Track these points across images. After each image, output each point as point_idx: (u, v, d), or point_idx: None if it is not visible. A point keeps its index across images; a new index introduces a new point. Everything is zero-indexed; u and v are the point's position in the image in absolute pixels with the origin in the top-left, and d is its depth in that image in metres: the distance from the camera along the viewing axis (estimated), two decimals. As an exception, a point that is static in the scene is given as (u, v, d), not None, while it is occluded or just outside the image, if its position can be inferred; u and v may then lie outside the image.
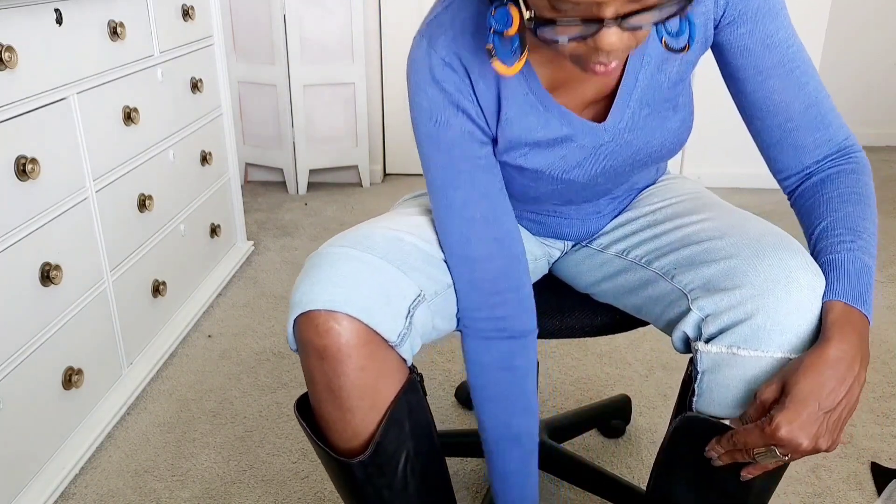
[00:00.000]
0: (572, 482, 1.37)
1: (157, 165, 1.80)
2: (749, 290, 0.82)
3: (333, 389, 0.85)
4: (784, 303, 0.80)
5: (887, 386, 1.69)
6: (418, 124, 0.90)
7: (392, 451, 0.88)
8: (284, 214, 2.80)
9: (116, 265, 1.63)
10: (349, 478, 0.89)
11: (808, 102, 0.91)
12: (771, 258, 0.82)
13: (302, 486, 1.41)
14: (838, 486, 1.39)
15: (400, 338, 0.86)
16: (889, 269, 2.29)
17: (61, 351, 1.43)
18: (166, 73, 1.85)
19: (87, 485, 1.41)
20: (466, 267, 0.93)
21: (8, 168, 1.27)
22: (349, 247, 0.87)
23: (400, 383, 0.88)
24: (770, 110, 0.91)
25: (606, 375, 1.74)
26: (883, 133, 3.59)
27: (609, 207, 1.08)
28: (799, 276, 0.81)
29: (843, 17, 3.40)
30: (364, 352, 0.83)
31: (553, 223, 1.09)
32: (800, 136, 0.92)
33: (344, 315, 0.82)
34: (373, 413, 0.86)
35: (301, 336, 0.84)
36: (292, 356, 1.82)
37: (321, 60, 2.89)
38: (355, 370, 0.84)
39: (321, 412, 0.88)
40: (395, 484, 0.90)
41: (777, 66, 0.89)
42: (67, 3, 1.43)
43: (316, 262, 0.87)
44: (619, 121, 0.92)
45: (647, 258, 0.97)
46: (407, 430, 0.89)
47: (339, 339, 0.82)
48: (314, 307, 0.82)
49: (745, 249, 0.85)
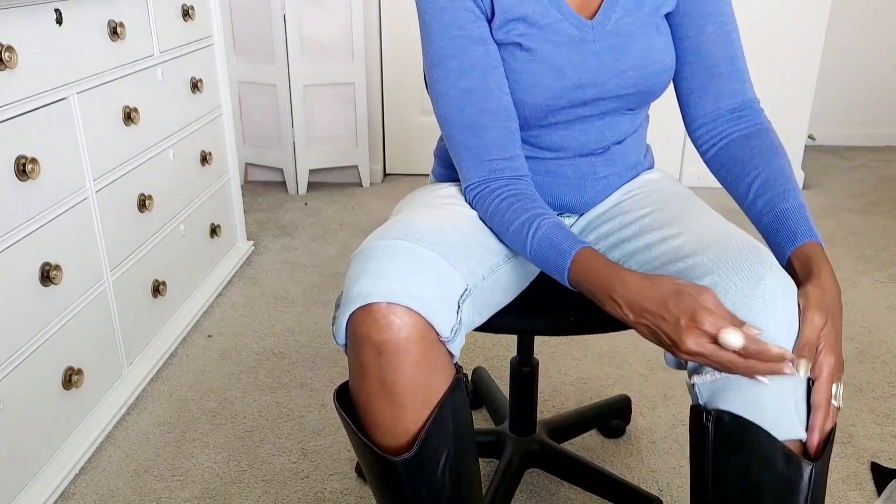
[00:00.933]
0: (572, 482, 1.37)
1: (157, 165, 1.80)
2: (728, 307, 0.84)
3: (387, 385, 0.84)
4: (762, 316, 0.83)
5: (887, 386, 1.69)
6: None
7: (434, 451, 0.87)
8: (284, 214, 2.80)
9: (116, 265, 1.63)
10: (391, 476, 0.87)
11: (733, 55, 1.05)
12: (748, 273, 0.85)
13: (302, 486, 1.41)
14: (838, 486, 1.39)
15: (453, 333, 0.86)
16: (889, 269, 2.29)
17: (61, 351, 1.43)
18: (166, 73, 1.85)
19: (87, 485, 1.41)
20: (463, 134, 0.99)
21: (8, 168, 1.27)
22: (400, 239, 0.87)
23: (449, 380, 0.88)
24: (701, 54, 1.05)
25: (606, 375, 1.74)
26: (883, 133, 3.59)
27: (603, 171, 1.10)
28: (775, 290, 0.84)
29: (843, 17, 3.41)
30: (421, 347, 0.83)
31: (550, 184, 1.10)
32: (722, 82, 1.05)
33: (404, 309, 0.82)
34: (423, 410, 0.85)
35: (357, 330, 0.83)
36: (292, 356, 1.82)
37: (321, 60, 2.89)
38: (412, 366, 0.83)
39: (370, 408, 0.86)
40: (433, 483, 0.88)
41: (715, 15, 1.04)
42: (67, 3, 1.43)
43: (369, 255, 0.86)
44: (606, 23, 1.00)
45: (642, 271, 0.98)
46: (450, 429, 0.88)
47: (399, 333, 0.82)
48: (374, 300, 0.82)
49: (724, 266, 0.86)
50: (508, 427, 1.39)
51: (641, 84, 1.03)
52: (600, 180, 1.10)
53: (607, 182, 1.11)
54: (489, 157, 0.99)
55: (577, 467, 1.34)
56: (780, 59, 2.85)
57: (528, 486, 1.40)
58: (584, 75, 1.00)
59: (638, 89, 1.04)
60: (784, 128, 2.94)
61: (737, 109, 1.05)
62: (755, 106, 1.06)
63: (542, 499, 1.37)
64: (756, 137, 1.02)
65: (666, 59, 1.04)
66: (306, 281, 2.24)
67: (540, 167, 1.09)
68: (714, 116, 1.06)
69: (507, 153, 1.00)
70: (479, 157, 0.99)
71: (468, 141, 0.99)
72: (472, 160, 1.00)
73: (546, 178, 1.10)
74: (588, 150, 1.08)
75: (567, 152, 1.08)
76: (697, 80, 1.06)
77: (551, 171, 1.09)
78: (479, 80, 0.98)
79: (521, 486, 1.39)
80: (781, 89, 2.89)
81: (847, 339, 1.89)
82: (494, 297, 0.99)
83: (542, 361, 1.80)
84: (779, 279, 0.84)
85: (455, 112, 0.99)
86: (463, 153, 1.00)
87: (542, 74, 0.99)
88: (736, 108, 1.05)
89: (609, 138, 1.08)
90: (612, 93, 1.03)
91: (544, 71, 0.99)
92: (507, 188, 0.99)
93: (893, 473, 1.40)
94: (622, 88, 1.03)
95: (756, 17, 2.80)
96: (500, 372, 1.76)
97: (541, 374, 1.75)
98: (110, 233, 1.60)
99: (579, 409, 1.53)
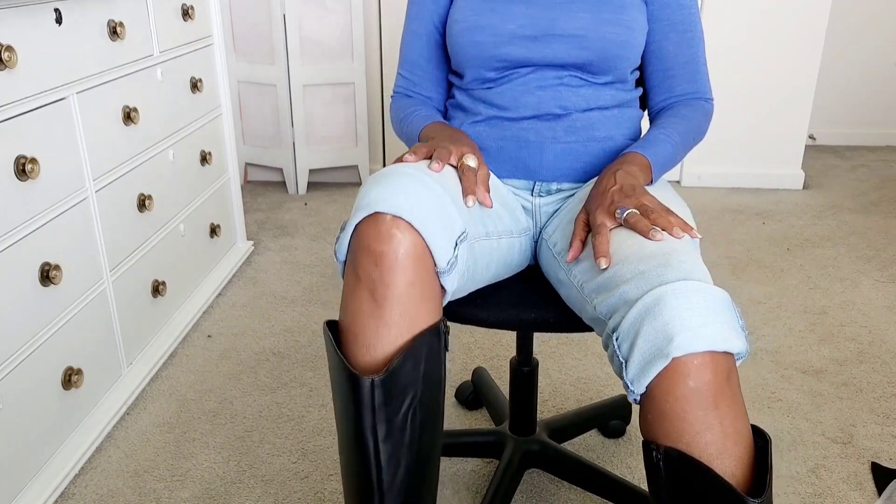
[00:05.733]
0: (572, 482, 1.37)
1: (156, 165, 1.80)
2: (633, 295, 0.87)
3: (377, 299, 0.86)
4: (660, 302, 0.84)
5: (887, 386, 1.69)
6: None
7: (403, 385, 0.87)
8: (284, 214, 2.80)
9: (116, 265, 1.63)
10: (356, 401, 0.87)
11: (691, 59, 1.17)
12: (653, 281, 0.84)
13: (302, 486, 1.41)
14: (839, 487, 1.39)
15: (449, 265, 0.89)
16: (889, 269, 2.29)
17: (61, 351, 1.43)
18: (166, 73, 1.85)
19: (87, 485, 1.41)
20: (406, 66, 1.25)
21: (8, 168, 1.27)
22: (415, 169, 0.92)
23: (435, 316, 0.89)
24: (660, 57, 1.18)
25: (606, 375, 1.74)
26: (883, 133, 3.59)
27: (564, 137, 1.14)
28: (668, 290, 0.83)
29: (843, 17, 3.40)
30: (417, 268, 0.86)
31: (513, 148, 1.15)
32: (676, 84, 1.18)
33: (407, 224, 0.85)
34: (405, 335, 0.87)
35: (359, 240, 0.86)
36: (292, 356, 1.82)
37: (321, 60, 2.89)
38: (405, 285, 0.85)
39: (355, 323, 0.87)
40: (395, 421, 0.88)
41: (679, 24, 1.16)
42: (67, 3, 1.43)
43: (383, 175, 0.91)
44: None
45: (582, 281, 0.98)
46: (421, 370, 0.89)
47: (398, 247, 0.85)
48: (382, 209, 0.85)
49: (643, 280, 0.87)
50: (508, 427, 1.39)
51: (594, 30, 1.10)
52: (560, 144, 1.14)
53: (567, 147, 1.14)
54: (414, 90, 1.25)
55: (577, 467, 1.34)
56: (780, 59, 2.85)
57: (528, 487, 1.40)
58: (534, 7, 1.11)
59: (589, 34, 1.10)
60: (784, 128, 2.94)
61: (682, 101, 1.19)
62: (700, 96, 1.19)
63: (542, 499, 1.37)
64: (680, 105, 1.17)
65: (630, 26, 1.11)
66: (306, 281, 2.24)
67: (505, 131, 1.15)
68: (663, 106, 1.20)
69: (428, 93, 1.25)
70: (406, 88, 1.26)
71: (403, 70, 1.26)
72: (401, 82, 1.26)
73: (510, 143, 1.15)
74: (546, 109, 1.13)
75: (526, 110, 1.13)
76: (654, 79, 1.20)
77: (515, 136, 1.15)
78: (424, 28, 1.21)
79: (520, 487, 1.39)
80: (781, 89, 2.89)
81: (847, 339, 1.89)
82: (480, 264, 1.03)
83: (542, 361, 1.80)
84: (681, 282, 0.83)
85: (403, 48, 1.25)
86: (398, 75, 1.27)
87: (495, 1, 1.13)
88: (685, 100, 1.19)
89: (569, 102, 1.13)
90: (562, 30, 1.10)
91: (510, 12, 1.12)
92: (416, 99, 1.24)
93: (894, 474, 1.40)
94: (572, 28, 1.10)
95: (756, 17, 2.80)
96: (500, 372, 1.76)
97: (541, 374, 1.75)
98: (110, 233, 1.60)
99: (579, 409, 1.53)
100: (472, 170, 1.00)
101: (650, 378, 0.81)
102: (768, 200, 2.87)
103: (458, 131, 1.12)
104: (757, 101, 2.92)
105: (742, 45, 2.84)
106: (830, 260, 2.35)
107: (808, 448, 1.49)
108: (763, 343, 1.87)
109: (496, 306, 1.08)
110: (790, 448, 1.49)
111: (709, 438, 0.80)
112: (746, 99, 2.91)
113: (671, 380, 0.80)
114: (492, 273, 1.08)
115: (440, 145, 1.02)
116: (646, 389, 0.83)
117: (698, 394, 0.80)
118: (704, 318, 0.80)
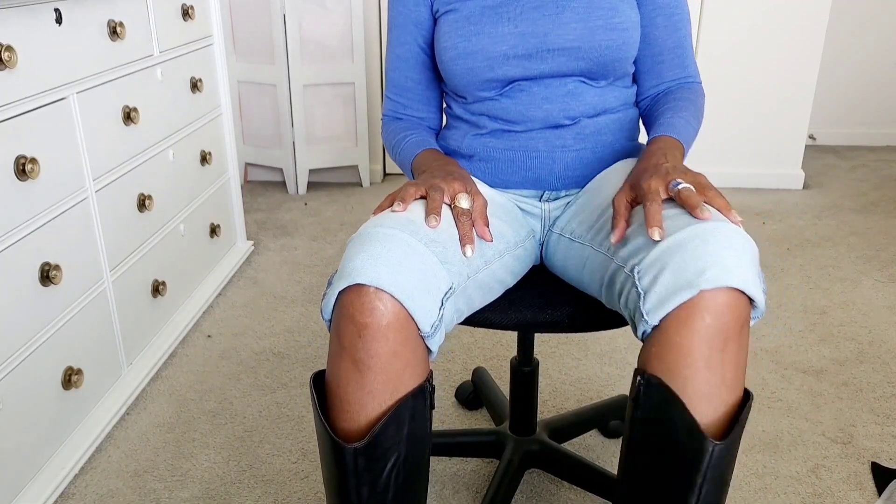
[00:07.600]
0: (572, 482, 1.37)
1: (156, 165, 1.80)
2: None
3: (361, 368, 0.85)
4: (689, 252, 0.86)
5: (887, 386, 1.69)
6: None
7: (386, 449, 0.88)
8: (284, 214, 2.80)
9: (116, 265, 1.63)
10: (340, 465, 0.88)
11: (678, 44, 1.16)
12: (691, 221, 0.88)
13: (302, 486, 1.41)
14: (839, 487, 1.39)
15: (433, 329, 0.88)
16: (889, 269, 2.29)
17: (61, 351, 1.43)
18: (166, 73, 1.85)
19: (87, 485, 1.41)
20: (393, 89, 1.22)
21: (7, 168, 1.27)
22: (397, 229, 0.90)
23: (420, 378, 0.89)
24: (649, 43, 1.16)
25: (606, 375, 1.74)
26: (883, 133, 3.59)
27: (574, 144, 1.12)
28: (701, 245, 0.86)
29: (843, 17, 3.40)
30: (400, 338, 0.85)
31: (523, 158, 1.13)
32: (665, 69, 1.17)
33: (389, 296, 0.84)
34: (389, 401, 0.87)
35: (343, 309, 0.86)
36: (292, 356, 1.82)
37: (321, 60, 2.89)
38: (388, 354, 0.85)
39: (340, 389, 0.88)
40: (378, 484, 0.89)
41: (666, 7, 1.14)
42: (67, 3, 1.43)
43: (366, 239, 0.89)
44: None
45: (609, 246, 0.99)
46: (405, 433, 0.89)
47: (381, 319, 0.84)
48: (363, 281, 0.84)
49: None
50: (508, 427, 1.39)
51: (588, 39, 1.08)
52: (570, 153, 1.13)
53: (578, 156, 1.13)
54: (404, 112, 1.23)
55: (577, 467, 1.34)
56: (780, 59, 2.85)
57: (528, 487, 1.40)
58: (523, 24, 1.08)
59: (583, 45, 1.08)
60: (784, 128, 2.94)
61: (674, 85, 1.18)
62: (691, 80, 1.19)
63: (542, 499, 1.37)
64: (678, 90, 1.17)
65: (624, 27, 1.09)
66: (306, 281, 2.24)
67: (513, 143, 1.13)
68: (653, 94, 1.19)
69: (419, 114, 1.22)
70: (395, 111, 1.23)
71: (391, 93, 1.23)
72: (390, 106, 1.24)
73: (519, 154, 1.13)
74: (555, 121, 1.12)
75: (534, 123, 1.12)
76: (644, 64, 1.18)
77: (523, 146, 1.13)
78: (409, 51, 1.18)
79: (521, 487, 1.39)
80: (781, 89, 2.89)
81: (847, 339, 1.89)
82: (476, 296, 1.01)
83: (542, 361, 1.80)
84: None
85: (389, 71, 1.22)
86: (386, 98, 1.25)
87: (482, 24, 1.10)
88: (674, 86, 1.18)
89: (576, 110, 1.11)
90: (555, 44, 1.08)
91: (483, 20, 1.09)
92: (407, 121, 1.22)
93: (894, 474, 1.40)
94: (565, 41, 1.08)
95: (756, 17, 2.80)
96: (500, 372, 1.76)
97: (541, 374, 1.75)
98: (110, 233, 1.60)
99: (579, 409, 1.53)
100: (466, 213, 0.97)
101: (670, 308, 0.83)
102: (768, 200, 2.87)
103: (451, 161, 1.09)
104: (757, 101, 2.92)
105: (742, 44, 2.84)
106: (830, 260, 2.35)
107: (808, 448, 1.49)
108: (763, 343, 1.87)
109: (497, 307, 1.08)
110: (790, 448, 1.49)
111: (707, 377, 0.82)
112: (746, 99, 2.91)
113: (690, 312, 0.82)
114: (494, 293, 1.06)
115: (432, 184, 0.98)
116: (658, 322, 0.84)
117: (713, 331, 0.81)
118: (739, 261, 0.82)
